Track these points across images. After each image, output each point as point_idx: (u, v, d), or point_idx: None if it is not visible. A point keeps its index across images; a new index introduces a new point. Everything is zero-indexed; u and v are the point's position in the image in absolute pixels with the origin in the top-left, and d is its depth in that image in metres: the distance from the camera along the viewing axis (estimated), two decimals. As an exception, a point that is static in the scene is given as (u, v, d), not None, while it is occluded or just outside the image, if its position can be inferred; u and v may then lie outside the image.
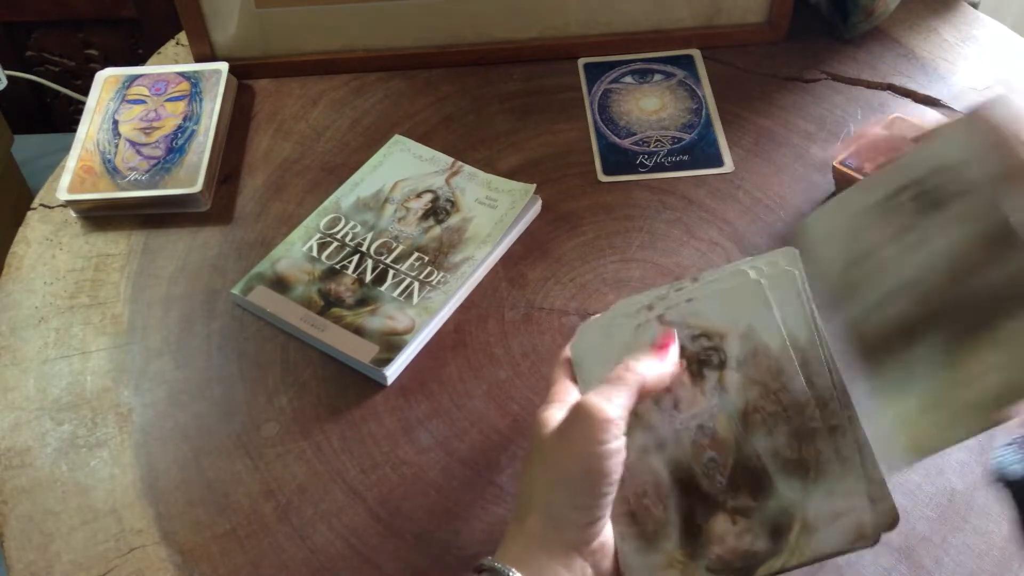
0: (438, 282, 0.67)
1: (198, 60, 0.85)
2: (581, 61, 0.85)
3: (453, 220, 0.71)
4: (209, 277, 0.70)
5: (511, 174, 0.75)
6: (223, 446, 0.61)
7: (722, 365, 0.47)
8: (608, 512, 0.45)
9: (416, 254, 0.69)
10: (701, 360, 0.47)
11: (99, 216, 0.75)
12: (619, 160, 0.77)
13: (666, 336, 0.48)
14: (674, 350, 0.48)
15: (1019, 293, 0.41)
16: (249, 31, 0.84)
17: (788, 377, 0.46)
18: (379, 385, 0.63)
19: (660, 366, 0.47)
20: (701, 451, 0.46)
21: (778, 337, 0.46)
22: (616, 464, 0.44)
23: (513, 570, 0.44)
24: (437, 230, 0.70)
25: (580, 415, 0.45)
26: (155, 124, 0.78)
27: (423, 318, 0.65)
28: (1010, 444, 0.46)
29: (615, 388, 0.45)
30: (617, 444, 0.44)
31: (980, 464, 0.57)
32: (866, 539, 0.44)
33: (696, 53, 0.85)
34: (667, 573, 0.46)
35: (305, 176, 0.77)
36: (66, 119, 1.61)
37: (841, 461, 0.44)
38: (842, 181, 0.72)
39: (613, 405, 0.44)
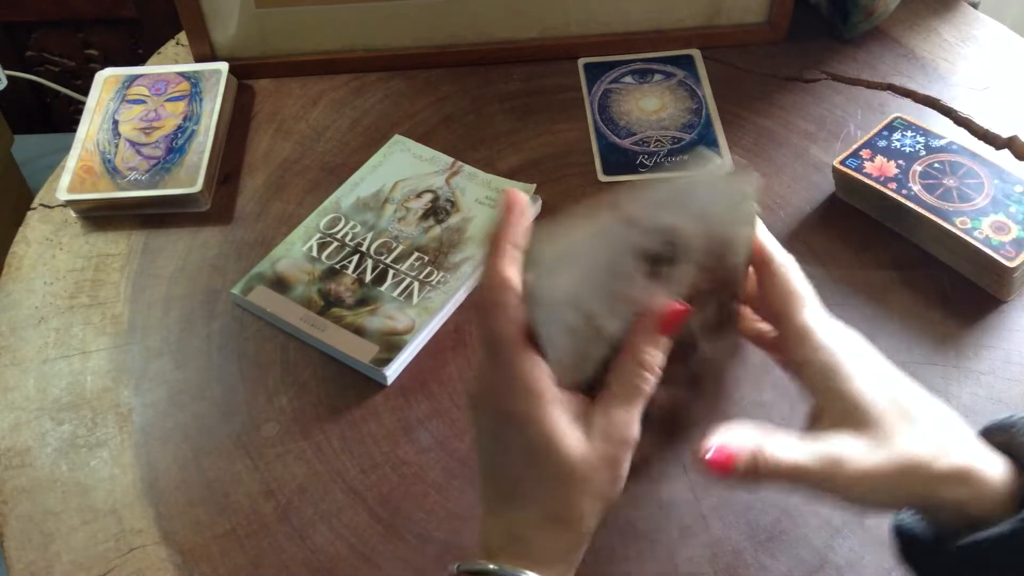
0: (438, 282, 0.67)
1: (198, 60, 0.85)
2: (581, 61, 0.85)
3: (453, 220, 0.71)
4: (209, 277, 0.70)
5: (511, 174, 0.75)
6: (223, 446, 0.61)
7: (672, 261, 0.45)
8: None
9: (416, 254, 0.69)
10: (655, 258, 0.45)
11: (99, 216, 0.75)
12: (619, 160, 0.77)
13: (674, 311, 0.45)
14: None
15: None
16: (249, 31, 0.84)
17: (727, 254, 0.46)
18: (379, 385, 0.63)
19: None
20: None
21: (744, 244, 0.47)
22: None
23: (526, 571, 0.42)
24: (437, 230, 0.70)
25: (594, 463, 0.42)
26: (155, 124, 0.78)
27: (423, 318, 0.65)
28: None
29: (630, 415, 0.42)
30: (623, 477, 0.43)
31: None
32: None
33: (696, 53, 0.85)
34: None
35: (305, 176, 0.77)
36: (66, 119, 1.61)
37: None
38: (842, 181, 0.72)
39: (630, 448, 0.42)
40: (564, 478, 0.43)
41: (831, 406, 0.45)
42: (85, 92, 0.92)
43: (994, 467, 0.43)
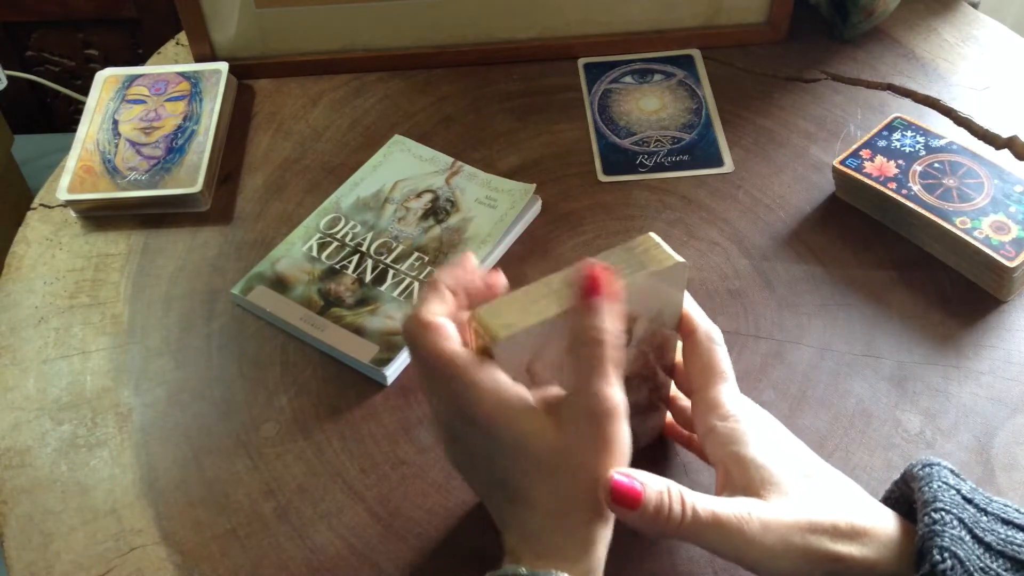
0: (438, 282, 0.67)
1: (198, 60, 0.85)
2: (581, 61, 0.85)
3: (453, 220, 0.71)
4: (209, 277, 0.70)
5: (511, 174, 0.75)
6: (223, 446, 0.61)
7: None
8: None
9: (416, 254, 0.69)
10: None
11: (99, 216, 0.75)
12: (619, 160, 0.77)
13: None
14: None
15: None
16: (249, 31, 0.84)
17: (668, 349, 0.49)
18: (379, 385, 0.63)
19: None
20: None
21: (675, 317, 0.49)
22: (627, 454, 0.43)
23: (554, 571, 0.42)
24: (437, 230, 0.71)
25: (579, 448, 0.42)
26: (155, 124, 0.78)
27: (423, 318, 0.65)
28: None
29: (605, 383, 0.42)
30: (626, 440, 0.43)
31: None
32: None
33: (696, 53, 0.85)
34: None
35: (305, 176, 0.77)
36: (66, 119, 1.61)
37: None
38: (842, 181, 0.72)
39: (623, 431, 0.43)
40: (547, 472, 0.43)
41: (735, 472, 0.45)
42: (85, 92, 0.92)
43: (890, 524, 0.44)
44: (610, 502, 0.42)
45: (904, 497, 0.47)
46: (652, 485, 0.42)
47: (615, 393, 0.42)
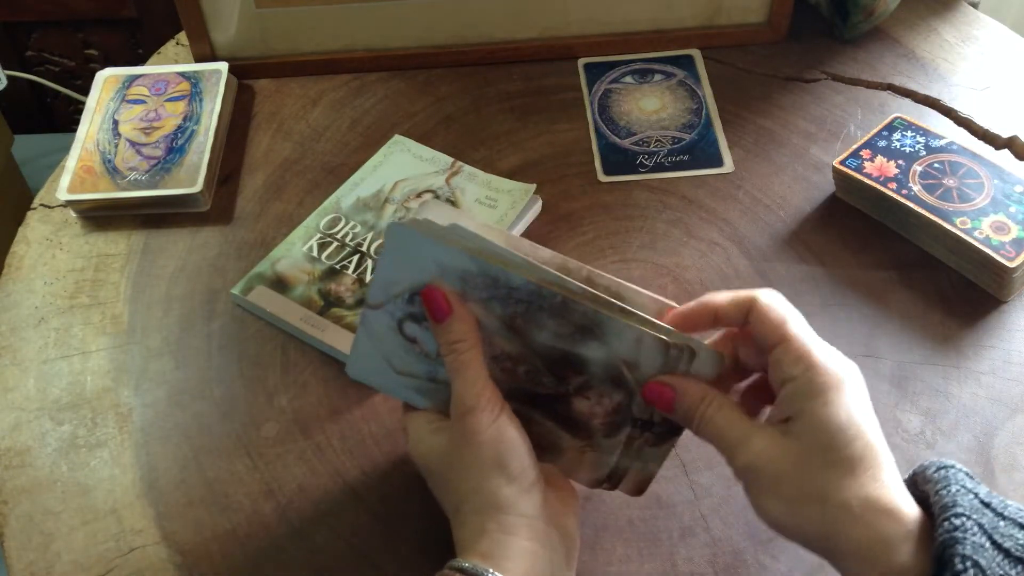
0: (438, 282, 0.67)
1: (198, 60, 0.85)
2: (581, 61, 0.85)
3: (453, 220, 0.71)
4: (209, 277, 0.70)
5: (511, 174, 0.75)
6: (223, 446, 0.61)
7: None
8: (535, 470, 0.48)
9: (416, 254, 0.69)
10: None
11: (99, 216, 0.75)
12: (619, 160, 0.77)
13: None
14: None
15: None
16: (249, 31, 0.84)
17: (506, 281, 0.47)
18: (379, 385, 0.63)
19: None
20: (514, 373, 0.49)
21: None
22: (507, 444, 0.47)
23: (490, 570, 0.44)
24: (437, 230, 0.70)
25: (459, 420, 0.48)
26: (155, 124, 0.78)
27: (423, 318, 0.65)
28: None
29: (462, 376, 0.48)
30: (494, 428, 0.47)
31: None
32: (666, 344, 0.46)
33: (696, 53, 0.85)
34: (584, 459, 0.51)
35: (305, 176, 0.77)
36: (66, 119, 1.61)
37: (600, 310, 0.47)
38: (842, 181, 0.72)
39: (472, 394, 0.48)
40: (440, 479, 0.50)
41: (801, 425, 0.44)
42: (85, 92, 0.92)
43: (916, 517, 0.42)
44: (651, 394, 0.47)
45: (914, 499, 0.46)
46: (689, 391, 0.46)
47: (470, 391, 0.48)
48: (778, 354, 0.45)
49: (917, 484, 0.45)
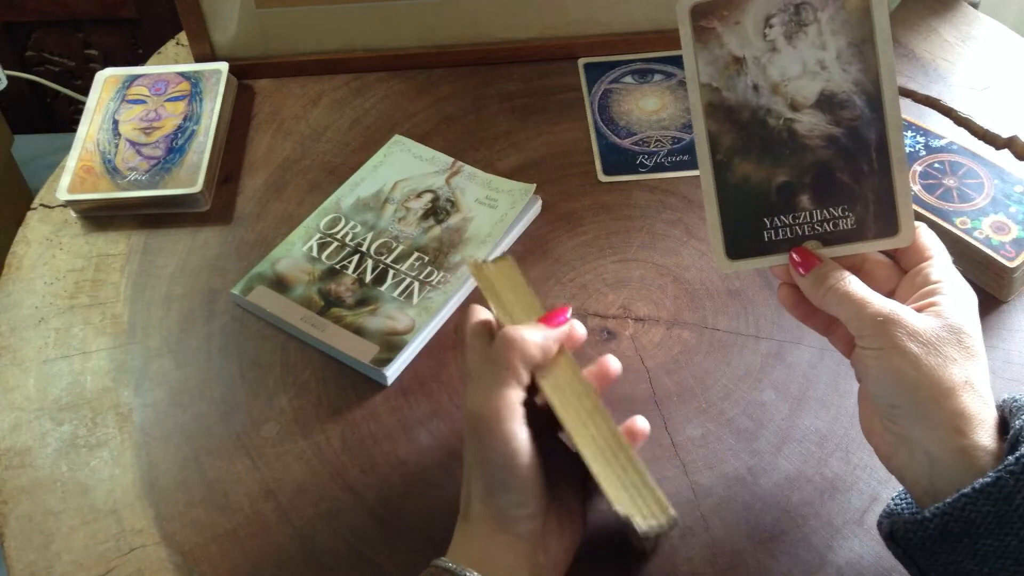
0: (438, 282, 0.67)
1: (198, 60, 0.85)
2: (581, 61, 0.85)
3: (453, 220, 0.71)
4: (209, 277, 0.70)
5: (511, 174, 0.75)
6: (223, 446, 0.61)
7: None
8: (542, 507, 0.48)
9: (416, 254, 0.69)
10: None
11: (99, 216, 0.75)
12: (619, 160, 0.77)
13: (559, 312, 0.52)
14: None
15: None
16: (249, 31, 0.84)
17: None
18: (379, 385, 0.63)
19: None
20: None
21: None
22: (520, 456, 0.47)
23: (471, 571, 0.46)
24: (437, 230, 0.71)
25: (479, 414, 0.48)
26: (155, 124, 0.78)
27: (423, 318, 0.65)
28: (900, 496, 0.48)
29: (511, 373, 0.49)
30: (519, 439, 0.47)
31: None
32: None
33: (696, 53, 0.85)
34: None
35: (305, 176, 0.77)
36: (66, 119, 1.61)
37: None
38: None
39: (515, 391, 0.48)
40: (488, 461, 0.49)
41: (937, 309, 0.47)
42: (85, 92, 0.92)
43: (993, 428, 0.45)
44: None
45: None
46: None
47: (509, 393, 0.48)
48: (923, 267, 0.48)
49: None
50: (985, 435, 0.43)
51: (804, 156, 0.49)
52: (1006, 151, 0.75)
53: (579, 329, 0.52)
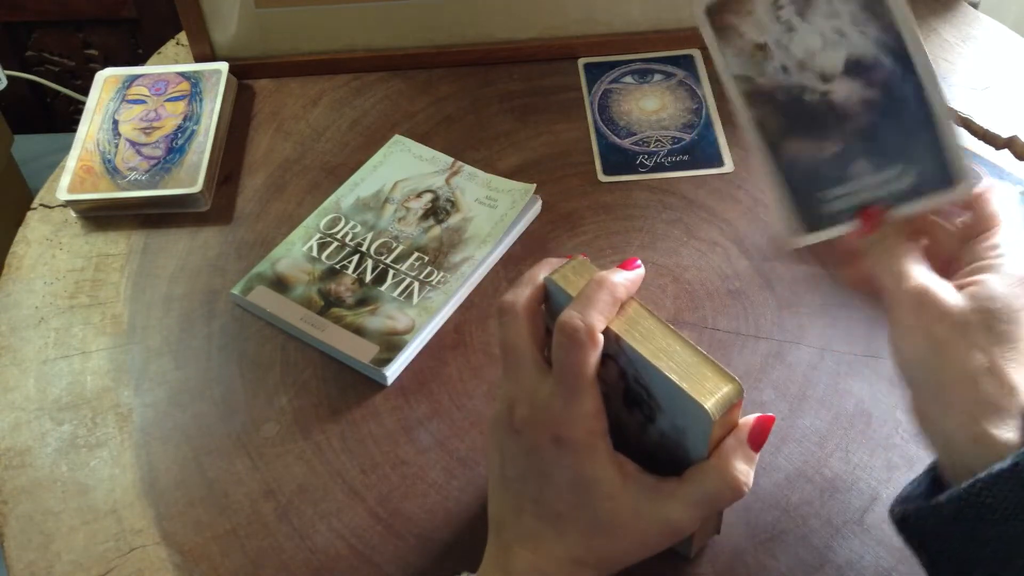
0: (438, 282, 0.67)
1: (198, 60, 0.85)
2: (581, 61, 0.85)
3: (453, 220, 0.71)
4: (209, 277, 0.70)
5: (511, 174, 0.75)
6: (223, 446, 0.61)
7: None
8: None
9: (416, 254, 0.69)
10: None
11: (99, 216, 0.75)
12: (619, 160, 0.77)
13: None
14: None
15: None
16: (249, 31, 0.84)
17: None
18: (379, 385, 0.63)
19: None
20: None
21: None
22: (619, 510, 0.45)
23: None
24: (437, 230, 0.71)
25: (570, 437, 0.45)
26: (155, 124, 0.78)
27: (423, 318, 0.65)
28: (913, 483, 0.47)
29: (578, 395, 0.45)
30: (608, 465, 0.45)
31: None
32: None
33: (696, 53, 0.85)
34: None
35: (305, 176, 0.77)
36: (66, 119, 1.62)
37: None
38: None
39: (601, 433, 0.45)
40: (606, 525, 0.45)
41: (977, 288, 0.45)
42: (85, 92, 0.92)
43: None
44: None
45: None
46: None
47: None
48: (986, 237, 0.47)
49: None
50: (1003, 423, 0.42)
51: (848, 124, 0.49)
52: (1006, 151, 0.75)
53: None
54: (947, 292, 0.44)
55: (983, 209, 0.47)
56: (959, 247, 0.48)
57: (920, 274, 0.45)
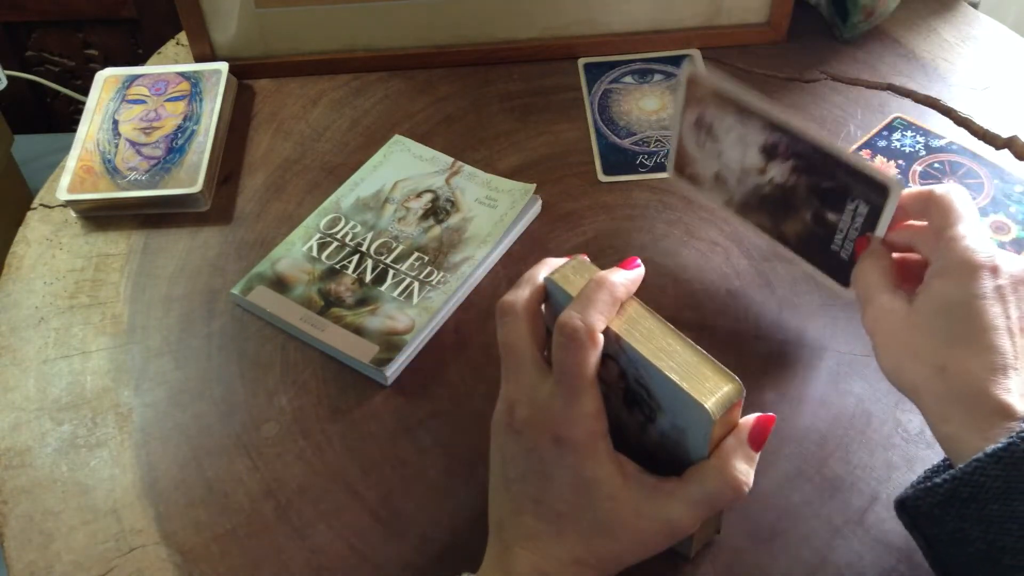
0: (438, 282, 0.67)
1: (198, 60, 0.85)
2: (581, 61, 0.85)
3: (453, 220, 0.71)
4: (209, 277, 0.70)
5: (511, 174, 0.75)
6: (223, 446, 0.61)
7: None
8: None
9: (416, 254, 0.69)
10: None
11: (99, 216, 0.75)
12: (619, 160, 0.77)
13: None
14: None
15: None
16: (249, 31, 0.84)
17: None
18: (379, 385, 0.63)
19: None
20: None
21: None
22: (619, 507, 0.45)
23: None
24: (437, 230, 0.71)
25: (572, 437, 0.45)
26: (155, 124, 0.78)
27: (423, 318, 0.65)
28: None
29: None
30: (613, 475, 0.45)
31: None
32: None
33: (696, 53, 0.85)
34: None
35: (305, 176, 0.77)
36: (66, 119, 1.62)
37: None
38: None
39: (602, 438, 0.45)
40: (606, 525, 0.45)
41: (924, 296, 0.49)
42: (85, 92, 0.92)
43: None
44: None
45: None
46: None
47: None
48: (940, 240, 0.49)
49: None
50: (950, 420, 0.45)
51: (799, 191, 0.57)
52: (1006, 151, 0.75)
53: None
54: (891, 302, 0.49)
55: (931, 210, 0.51)
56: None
57: (879, 286, 0.50)
